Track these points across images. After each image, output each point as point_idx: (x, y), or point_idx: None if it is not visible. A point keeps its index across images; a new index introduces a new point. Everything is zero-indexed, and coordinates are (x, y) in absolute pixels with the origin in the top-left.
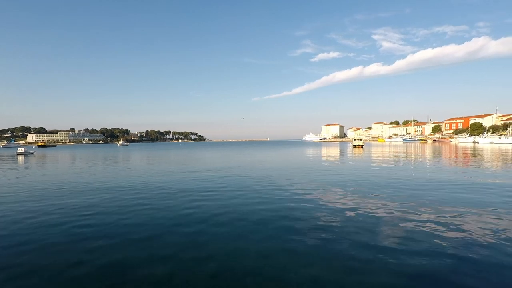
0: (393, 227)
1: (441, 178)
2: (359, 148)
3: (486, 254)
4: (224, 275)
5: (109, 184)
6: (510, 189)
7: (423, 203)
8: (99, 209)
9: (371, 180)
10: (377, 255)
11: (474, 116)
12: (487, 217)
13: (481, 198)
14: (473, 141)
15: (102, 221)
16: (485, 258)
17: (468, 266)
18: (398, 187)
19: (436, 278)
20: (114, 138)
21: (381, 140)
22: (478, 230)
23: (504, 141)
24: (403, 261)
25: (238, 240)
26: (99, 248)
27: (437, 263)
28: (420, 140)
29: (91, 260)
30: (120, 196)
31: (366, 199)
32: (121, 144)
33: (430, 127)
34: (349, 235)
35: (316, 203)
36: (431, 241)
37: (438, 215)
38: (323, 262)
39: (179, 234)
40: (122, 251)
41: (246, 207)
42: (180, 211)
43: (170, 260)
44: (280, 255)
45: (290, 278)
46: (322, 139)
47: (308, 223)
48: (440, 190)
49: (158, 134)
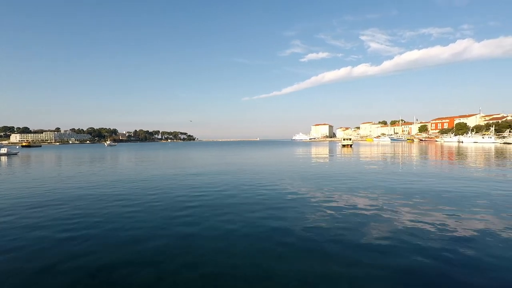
0: (381, 224)
1: (427, 177)
2: (348, 147)
3: (473, 250)
4: (213, 277)
5: (93, 185)
6: (493, 186)
7: (409, 201)
8: (83, 211)
9: (360, 178)
10: (366, 252)
11: (459, 116)
12: (472, 214)
13: (465, 196)
14: (457, 141)
15: (85, 224)
16: (472, 255)
17: (453, 262)
18: (386, 185)
19: (425, 274)
20: (101, 138)
21: (369, 139)
22: (463, 226)
23: (487, 141)
24: (392, 258)
25: (227, 241)
26: (83, 252)
27: (423, 259)
28: (407, 139)
29: (76, 264)
30: (104, 198)
31: (356, 198)
32: (108, 144)
33: (416, 127)
34: (339, 233)
35: (307, 203)
36: (418, 237)
37: (424, 212)
38: (314, 260)
39: (167, 236)
40: (107, 255)
41: (237, 208)
42: (167, 214)
43: (158, 263)
44: (269, 255)
45: (281, 279)
46: (312, 139)
47: (299, 222)
48: (426, 188)
49: (147, 134)
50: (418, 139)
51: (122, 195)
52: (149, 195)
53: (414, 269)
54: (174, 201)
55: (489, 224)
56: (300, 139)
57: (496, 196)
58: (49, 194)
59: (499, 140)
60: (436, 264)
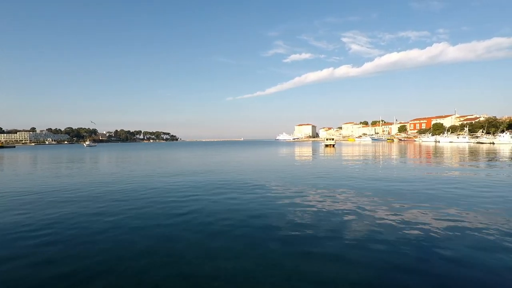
0: (363, 222)
1: (407, 175)
2: (331, 147)
3: (451, 247)
4: (196, 278)
5: (65, 187)
6: (468, 184)
7: (391, 199)
8: (56, 216)
9: (343, 178)
10: (349, 250)
11: (436, 117)
12: (448, 212)
13: (445, 194)
14: (434, 141)
15: (58, 229)
16: (450, 251)
17: (432, 259)
18: (369, 184)
19: (406, 271)
20: (80, 138)
21: (351, 139)
22: (440, 223)
23: (461, 141)
24: (375, 255)
25: (209, 243)
26: (56, 258)
27: (404, 257)
28: (387, 139)
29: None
30: (78, 201)
31: (338, 197)
32: (87, 144)
33: (396, 127)
34: (321, 232)
35: (291, 203)
36: (398, 235)
37: (405, 210)
38: (296, 259)
39: (148, 238)
40: (82, 260)
41: (219, 207)
42: (148, 216)
43: (138, 266)
44: (252, 255)
45: (262, 279)
46: (295, 139)
47: (282, 222)
48: (407, 187)
49: (128, 134)
50: (398, 139)
51: (96, 199)
52: (127, 196)
53: (394, 265)
54: (151, 202)
55: (464, 220)
56: (283, 139)
57: (470, 193)
58: (19, 199)
59: (473, 140)
60: (415, 261)
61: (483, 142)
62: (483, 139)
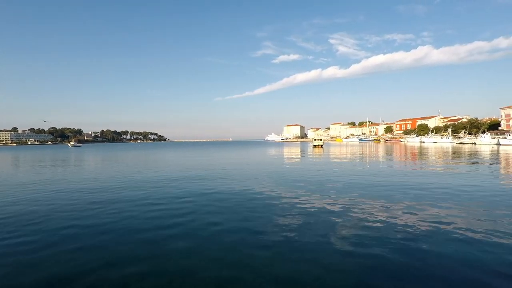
0: (348, 223)
1: (393, 175)
2: (319, 148)
3: (431, 244)
4: (181, 281)
5: (42, 188)
6: (450, 183)
7: (376, 199)
8: (34, 218)
9: (330, 178)
10: (335, 251)
11: (421, 118)
12: (430, 208)
13: (428, 193)
14: (419, 141)
15: (36, 230)
16: (430, 248)
17: (414, 257)
18: (355, 184)
19: (390, 269)
20: (65, 139)
21: (339, 140)
22: (422, 220)
23: (445, 141)
24: (359, 256)
25: (195, 244)
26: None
27: (389, 254)
28: (374, 140)
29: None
30: (57, 203)
31: (325, 197)
32: (72, 144)
33: (382, 128)
34: (306, 234)
35: (279, 203)
36: (383, 235)
37: (389, 210)
38: (284, 261)
39: (131, 242)
40: (69, 263)
41: (207, 208)
42: (131, 219)
43: (122, 272)
44: (238, 256)
45: (249, 280)
46: (284, 139)
47: (270, 223)
48: (393, 187)
49: (115, 134)
50: (384, 140)
51: (77, 203)
52: (111, 198)
53: (379, 264)
54: (134, 205)
55: (448, 217)
56: (272, 140)
57: (454, 191)
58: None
59: (456, 140)
60: (400, 259)
61: (465, 142)
62: (465, 139)
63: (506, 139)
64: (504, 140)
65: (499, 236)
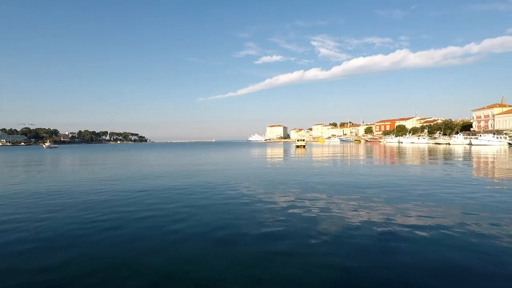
0: (328, 222)
1: (374, 174)
2: (302, 148)
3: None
4: (164, 282)
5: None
6: (424, 181)
7: (358, 197)
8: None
9: (313, 177)
10: (315, 250)
11: (399, 119)
12: (407, 206)
13: (403, 190)
14: (398, 141)
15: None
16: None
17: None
18: (337, 183)
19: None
20: (39, 139)
21: (321, 140)
22: (400, 220)
23: (421, 141)
24: (340, 255)
25: (176, 246)
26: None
27: (368, 254)
28: (355, 140)
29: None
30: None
31: (306, 196)
32: (47, 146)
33: (363, 129)
34: (289, 233)
35: (263, 203)
36: (363, 232)
37: (372, 209)
38: (263, 261)
39: (110, 243)
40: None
41: (189, 210)
42: (111, 221)
43: (105, 276)
44: (221, 258)
45: (231, 281)
46: (267, 140)
47: (252, 225)
48: (374, 186)
49: (93, 135)
50: (365, 140)
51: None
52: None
53: (358, 264)
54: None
55: (424, 218)
56: (255, 140)
57: (430, 189)
58: None
59: (431, 140)
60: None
61: (440, 142)
62: (440, 140)
63: (477, 140)
64: (476, 141)
65: (476, 234)
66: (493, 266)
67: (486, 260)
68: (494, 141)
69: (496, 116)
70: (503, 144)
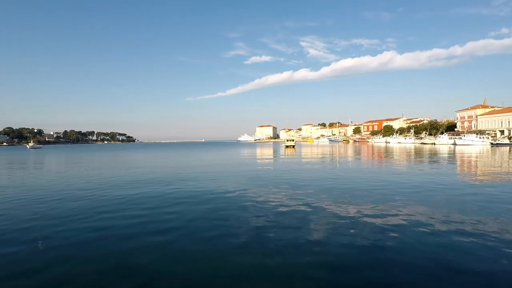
0: (317, 221)
1: (363, 173)
2: (291, 148)
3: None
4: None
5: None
6: (410, 180)
7: (345, 196)
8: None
9: (302, 177)
10: (303, 249)
11: (386, 119)
12: (394, 204)
13: (390, 188)
14: (385, 141)
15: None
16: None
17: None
18: (325, 183)
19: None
20: (23, 140)
21: (310, 140)
22: (387, 219)
23: (408, 141)
24: (328, 254)
25: (164, 247)
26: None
27: (356, 253)
28: (343, 140)
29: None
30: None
31: (295, 196)
32: (31, 146)
33: (351, 129)
34: (277, 233)
35: (255, 204)
36: (351, 232)
37: (359, 207)
38: (255, 258)
39: (99, 245)
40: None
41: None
42: (96, 218)
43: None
44: (210, 257)
45: (221, 279)
46: (257, 140)
47: (243, 224)
48: (361, 185)
49: (79, 135)
50: (353, 140)
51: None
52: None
53: (346, 262)
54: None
55: (413, 215)
56: (245, 140)
57: (416, 189)
58: None
59: (418, 140)
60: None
61: (426, 142)
62: (426, 140)
63: (461, 140)
64: (460, 141)
65: (458, 232)
66: (475, 262)
67: (467, 257)
68: (477, 141)
69: (479, 117)
70: (486, 144)
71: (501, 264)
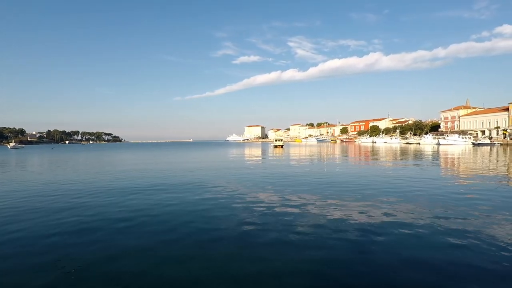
0: (306, 219)
1: (350, 173)
2: (280, 148)
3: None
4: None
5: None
6: (397, 179)
7: (334, 196)
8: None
9: (290, 176)
10: (292, 248)
11: (373, 120)
12: (381, 203)
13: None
14: (372, 141)
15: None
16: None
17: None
18: (314, 181)
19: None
20: (3, 139)
21: (298, 140)
22: (376, 217)
23: (394, 141)
24: (313, 250)
25: (151, 248)
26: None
27: (344, 251)
28: (331, 140)
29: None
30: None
31: (284, 195)
32: (12, 146)
33: (339, 129)
34: (266, 231)
35: (244, 205)
36: (338, 229)
37: (345, 207)
38: (242, 260)
39: (83, 246)
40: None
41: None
42: (84, 219)
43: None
44: (198, 259)
45: (210, 281)
46: (245, 140)
47: (232, 223)
48: (350, 184)
49: (64, 134)
50: (340, 140)
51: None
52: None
53: (335, 260)
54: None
55: (398, 213)
56: (234, 140)
57: (401, 187)
58: None
59: (403, 140)
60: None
61: (411, 142)
62: (411, 140)
63: (445, 140)
64: (443, 141)
65: (442, 231)
66: (458, 260)
67: (452, 255)
68: (460, 141)
69: (461, 118)
70: (468, 144)
71: (482, 260)
